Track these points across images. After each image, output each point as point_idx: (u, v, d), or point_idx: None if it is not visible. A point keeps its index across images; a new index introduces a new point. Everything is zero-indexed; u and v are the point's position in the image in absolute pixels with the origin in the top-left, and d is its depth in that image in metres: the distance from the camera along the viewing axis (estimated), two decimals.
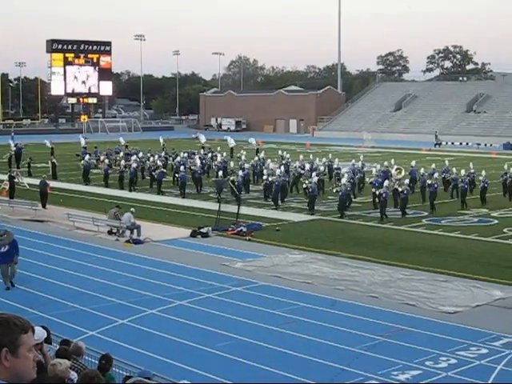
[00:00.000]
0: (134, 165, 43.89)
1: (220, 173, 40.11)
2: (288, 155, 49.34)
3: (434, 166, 41.50)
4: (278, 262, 24.41)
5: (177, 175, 42.53)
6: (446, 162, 44.48)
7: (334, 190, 35.27)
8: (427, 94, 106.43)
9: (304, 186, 37.32)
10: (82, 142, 60.22)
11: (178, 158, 47.46)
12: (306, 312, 18.71)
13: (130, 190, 41.84)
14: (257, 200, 38.49)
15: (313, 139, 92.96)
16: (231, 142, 58.67)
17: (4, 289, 20.89)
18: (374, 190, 35.37)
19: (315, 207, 34.62)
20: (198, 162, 44.35)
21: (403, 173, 38.10)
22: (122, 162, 45.64)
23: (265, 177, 38.86)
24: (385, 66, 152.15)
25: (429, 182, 35.89)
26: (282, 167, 40.70)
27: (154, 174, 43.42)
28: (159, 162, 45.39)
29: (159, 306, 19.25)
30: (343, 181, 34.43)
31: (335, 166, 44.29)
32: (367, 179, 39.05)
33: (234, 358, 15.48)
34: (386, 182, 34.26)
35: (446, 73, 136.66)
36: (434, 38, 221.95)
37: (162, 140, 61.77)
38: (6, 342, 3.53)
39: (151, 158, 47.60)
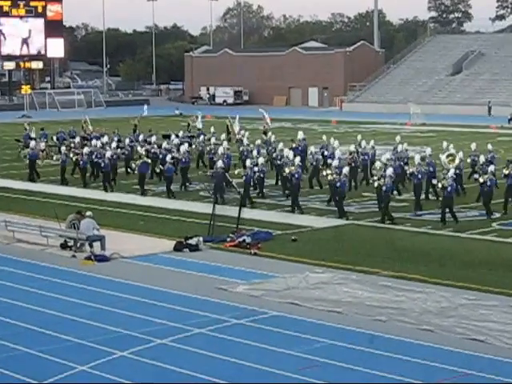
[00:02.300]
0: (109, 153, 43.37)
1: (220, 163, 39.66)
2: (301, 136, 49.19)
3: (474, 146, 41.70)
4: (294, 284, 24.42)
5: (161, 167, 42.20)
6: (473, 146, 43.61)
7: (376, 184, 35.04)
8: (498, 50, 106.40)
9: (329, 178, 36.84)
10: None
11: (164, 144, 47.07)
12: (334, 352, 18.72)
13: (106, 190, 41.73)
14: (266, 200, 38.52)
15: (341, 114, 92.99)
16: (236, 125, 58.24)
17: None
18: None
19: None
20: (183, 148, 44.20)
21: (457, 161, 37.72)
22: (86, 150, 45.43)
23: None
24: (439, 13, 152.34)
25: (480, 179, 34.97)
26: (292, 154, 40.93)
27: (134, 165, 43.34)
28: (141, 150, 44.83)
29: (133, 346, 19.26)
30: (388, 172, 34.15)
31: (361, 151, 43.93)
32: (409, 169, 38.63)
33: None
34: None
35: None
36: None
37: (138, 118, 62.04)
38: None
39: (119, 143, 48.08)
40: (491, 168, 34.94)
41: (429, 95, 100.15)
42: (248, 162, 38.71)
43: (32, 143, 48.64)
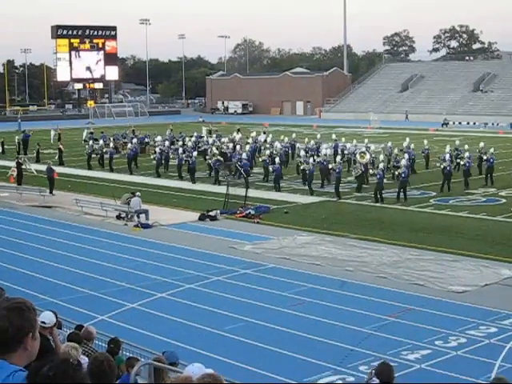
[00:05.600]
0: (195, 153, 40.80)
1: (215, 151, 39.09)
2: (334, 137, 48.74)
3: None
4: (286, 243, 24.44)
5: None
6: (457, 142, 43.70)
7: (396, 173, 34.70)
8: (434, 74, 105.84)
9: (371, 172, 36.14)
10: (84, 134, 59.70)
11: (238, 147, 44.12)
12: (315, 293, 18.73)
13: (194, 182, 38.90)
14: (266, 183, 38.42)
15: (320, 121, 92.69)
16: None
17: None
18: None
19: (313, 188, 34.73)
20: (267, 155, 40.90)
21: (367, 156, 36.77)
22: (167, 144, 44.60)
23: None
24: (391, 47, 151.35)
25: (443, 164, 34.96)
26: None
27: (210, 162, 40.38)
28: (215, 149, 42.16)
29: (169, 289, 19.31)
30: (403, 163, 33.60)
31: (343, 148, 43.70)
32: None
33: (243, 340, 15.52)
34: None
35: (452, 52, 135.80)
36: (440, 17, 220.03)
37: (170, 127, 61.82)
38: (29, 326, 3.53)
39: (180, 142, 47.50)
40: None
41: (383, 107, 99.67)
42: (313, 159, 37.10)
43: (132, 142, 47.12)
